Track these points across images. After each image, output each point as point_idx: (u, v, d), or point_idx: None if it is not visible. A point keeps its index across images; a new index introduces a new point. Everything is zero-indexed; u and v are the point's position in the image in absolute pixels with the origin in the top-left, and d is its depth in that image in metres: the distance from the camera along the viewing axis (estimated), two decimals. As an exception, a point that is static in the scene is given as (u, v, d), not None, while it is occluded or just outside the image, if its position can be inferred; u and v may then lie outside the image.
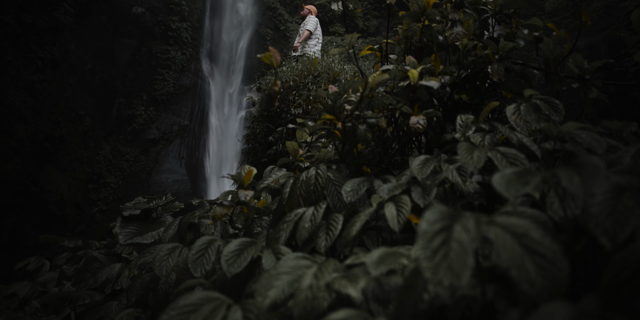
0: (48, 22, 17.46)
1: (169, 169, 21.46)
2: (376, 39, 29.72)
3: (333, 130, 2.25)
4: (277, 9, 28.36)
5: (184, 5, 23.44)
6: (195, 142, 22.70)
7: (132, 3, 21.56)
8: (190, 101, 23.36)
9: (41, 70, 17.37)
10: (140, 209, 3.28)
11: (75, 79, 19.18)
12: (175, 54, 22.78)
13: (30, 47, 16.95)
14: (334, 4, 2.90)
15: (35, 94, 17.12)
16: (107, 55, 20.65)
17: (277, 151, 5.05)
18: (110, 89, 20.64)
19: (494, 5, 2.64)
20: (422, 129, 1.95)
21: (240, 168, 2.33)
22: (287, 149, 2.70)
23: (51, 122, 17.74)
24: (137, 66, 21.67)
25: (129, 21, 21.47)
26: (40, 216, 17.24)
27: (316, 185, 1.96)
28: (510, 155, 1.53)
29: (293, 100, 5.07)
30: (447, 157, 1.84)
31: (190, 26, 24.04)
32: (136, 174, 20.58)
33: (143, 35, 21.96)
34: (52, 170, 17.88)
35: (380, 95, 1.98)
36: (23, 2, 16.55)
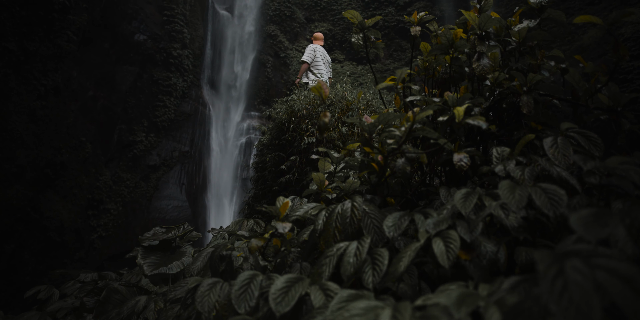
0: (51, 49, 17.59)
1: (169, 195, 21.41)
2: (375, 65, 29.95)
3: (369, 162, 2.25)
4: (277, 37, 28.64)
5: (186, 33, 23.67)
6: (196, 168, 22.70)
7: (134, 31, 21.76)
8: (191, 127, 23.43)
9: (44, 96, 17.43)
10: (159, 240, 3.25)
11: (77, 106, 19.24)
12: (176, 81, 22.91)
13: (33, 74, 17.04)
14: (354, 36, 2.93)
15: (37, 120, 17.15)
16: (109, 82, 20.76)
17: (289, 180, 5.04)
18: (112, 116, 20.70)
19: (518, 37, 2.67)
20: (466, 167, 1.95)
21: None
22: (313, 180, 2.69)
23: (52, 148, 17.74)
24: (139, 93, 21.77)
25: (131, 48, 21.64)
26: (40, 243, 17.12)
27: (352, 218, 1.95)
28: (551, 191, 1.53)
29: (306, 129, 5.08)
30: (485, 190, 1.84)
31: (192, 53, 24.23)
32: (136, 200, 20.52)
33: (145, 62, 22.12)
34: (53, 196, 17.81)
35: (422, 130, 1.98)
36: (27, 29, 16.69)
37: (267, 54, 28.02)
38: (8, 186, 16.13)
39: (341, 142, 4.83)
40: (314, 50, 9.02)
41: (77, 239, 18.32)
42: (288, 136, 5.40)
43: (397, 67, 29.22)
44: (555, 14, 2.70)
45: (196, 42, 24.90)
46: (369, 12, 31.54)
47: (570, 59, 11.56)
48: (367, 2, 32.00)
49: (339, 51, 29.47)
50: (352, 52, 30.16)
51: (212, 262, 2.27)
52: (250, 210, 6.52)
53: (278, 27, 29.14)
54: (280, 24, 29.34)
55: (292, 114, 5.45)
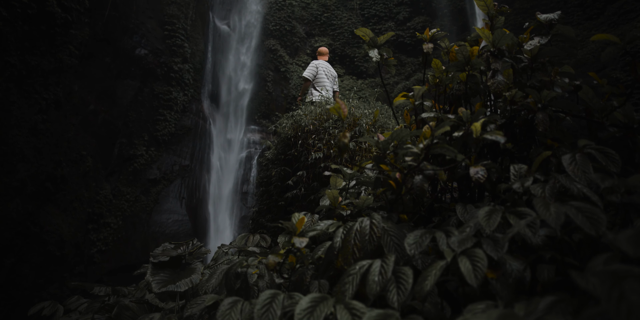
0: (53, 63, 17.65)
1: (169, 209, 21.37)
2: (375, 80, 30.08)
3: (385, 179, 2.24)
4: (277, 51, 28.78)
5: (187, 47, 23.77)
6: (196, 182, 22.68)
7: (135, 45, 21.85)
8: (192, 141, 23.45)
9: (45, 110, 17.45)
10: (169, 256, 3.24)
11: (78, 120, 19.26)
12: (177, 95, 22.97)
13: (34, 88, 17.07)
14: (371, 52, 2.94)
15: (38, 134, 17.16)
16: (110, 96, 20.80)
17: (295, 195, 5.04)
18: (112, 130, 20.72)
19: (530, 53, 2.68)
20: (483, 179, 1.95)
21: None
22: (327, 196, 2.69)
23: (53, 162, 17.72)
24: (140, 107, 21.81)
25: (132, 62, 21.71)
26: (39, 257, 17.04)
27: (371, 235, 1.94)
28: (587, 210, 1.52)
29: (313, 144, 5.08)
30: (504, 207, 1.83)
31: (192, 68, 24.32)
32: (136, 214, 20.46)
33: (145, 77, 22.18)
34: (53, 210, 17.77)
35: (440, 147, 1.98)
36: (29, 44, 16.76)
37: (267, 68, 28.13)
38: (8, 200, 16.09)
39: (349, 157, 4.84)
40: (316, 66, 8.98)
41: (76, 253, 18.25)
42: (294, 151, 5.40)
43: (397, 81, 29.33)
44: (565, 30, 2.72)
45: (197, 57, 25.00)
46: (369, 27, 31.73)
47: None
48: (367, 17, 32.22)
49: (339, 65, 29.59)
50: (352, 67, 30.31)
51: (228, 279, 2.25)
52: (255, 225, 6.51)
53: (278, 42, 29.30)
54: (280, 38, 29.50)
55: (298, 129, 5.45)
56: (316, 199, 4.86)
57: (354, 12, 32.50)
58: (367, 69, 30.59)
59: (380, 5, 32.35)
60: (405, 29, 30.89)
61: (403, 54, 30.76)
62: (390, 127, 5.23)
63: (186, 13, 24.44)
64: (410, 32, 30.45)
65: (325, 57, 9.62)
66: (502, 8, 3.02)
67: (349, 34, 31.55)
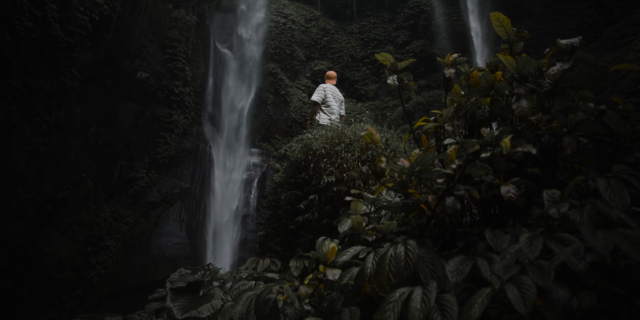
0: (55, 86, 17.71)
1: (169, 232, 21.26)
2: (375, 103, 30.23)
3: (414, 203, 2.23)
4: (277, 74, 28.96)
5: (187, 71, 23.90)
6: (196, 204, 22.61)
7: (136, 68, 21.97)
8: (192, 164, 23.45)
9: (46, 133, 17.47)
10: (187, 281, 3.20)
11: (79, 142, 19.27)
12: (177, 118, 23.03)
13: (36, 111, 17.11)
14: (389, 78, 2.95)
15: (39, 157, 17.15)
16: (111, 119, 20.85)
17: (307, 219, 5.01)
18: (113, 152, 20.71)
19: (552, 78, 2.69)
20: (515, 198, 1.94)
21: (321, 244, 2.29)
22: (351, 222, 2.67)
23: (53, 185, 17.68)
24: (140, 130, 21.85)
25: (133, 86, 21.81)
26: (38, 280, 16.89)
27: (407, 262, 1.92)
28: (632, 237, 1.52)
29: (324, 168, 5.07)
30: (541, 233, 1.82)
31: (193, 91, 24.42)
32: (136, 237, 20.35)
33: (146, 100, 22.26)
34: (52, 233, 17.67)
35: (474, 168, 1.97)
36: (32, 67, 16.84)
37: (267, 91, 28.28)
38: (8, 223, 16.01)
39: (362, 181, 4.82)
40: (324, 89, 9.04)
41: (75, 276, 18.09)
42: (305, 175, 5.39)
43: (397, 104, 29.49)
44: (586, 56, 2.74)
45: (198, 80, 25.14)
46: (368, 50, 32.04)
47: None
48: (366, 41, 32.53)
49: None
50: (352, 90, 30.48)
51: (258, 306, 2.22)
52: (262, 249, 6.46)
53: (278, 65, 29.50)
54: (280, 62, 29.71)
55: (309, 152, 5.45)
56: (329, 223, 4.84)
57: (353, 36, 32.81)
58: (367, 92, 30.78)
59: (379, 29, 32.68)
60: (404, 52, 31.17)
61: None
62: (402, 151, 5.24)
63: (187, 37, 24.63)
64: (409, 56, 30.71)
65: (333, 80, 9.66)
66: (521, 33, 3.04)
67: (348, 58, 31.81)
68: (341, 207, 4.87)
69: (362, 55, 32.03)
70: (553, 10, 28.08)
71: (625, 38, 23.26)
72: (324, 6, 33.92)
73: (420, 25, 31.45)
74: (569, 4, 27.51)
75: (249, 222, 22.81)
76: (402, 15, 32.37)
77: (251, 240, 22.09)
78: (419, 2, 31.85)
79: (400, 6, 32.70)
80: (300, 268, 4.52)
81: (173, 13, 24.19)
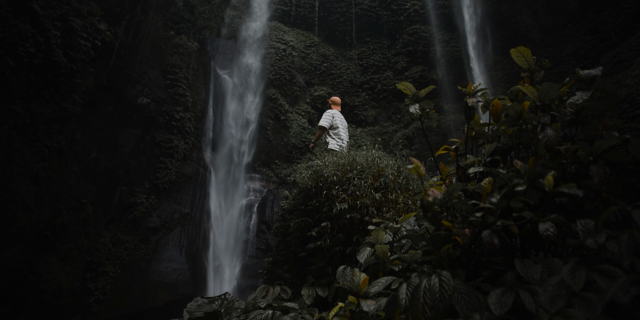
0: (57, 111, 17.77)
1: (168, 257, 21.10)
2: (374, 128, 30.33)
3: (446, 235, 2.22)
4: (277, 100, 29.11)
5: (188, 96, 24.02)
6: (196, 230, 22.49)
7: (138, 94, 22.08)
8: (192, 189, 23.41)
9: (47, 158, 17.47)
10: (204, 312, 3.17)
11: (80, 167, 19.26)
12: (178, 143, 23.06)
13: (37, 136, 17.12)
14: (412, 107, 2.96)
15: (39, 182, 17.11)
16: (112, 144, 20.87)
17: (319, 246, 4.96)
18: (113, 177, 20.69)
19: (575, 107, 2.71)
20: (553, 237, 1.94)
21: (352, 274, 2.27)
22: (377, 251, 2.66)
23: (53, 210, 17.61)
24: (141, 155, 21.86)
25: (134, 111, 21.89)
26: (36, 306, 16.69)
27: (442, 293, 1.91)
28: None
29: (337, 195, 5.05)
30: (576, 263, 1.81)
31: (194, 116, 24.51)
32: (135, 262, 20.19)
33: (147, 125, 22.33)
34: (51, 258, 17.53)
35: (514, 202, 1.97)
36: (34, 92, 16.91)
37: (267, 116, 28.39)
38: (7, 248, 15.90)
39: (375, 208, 4.80)
40: (332, 115, 9.12)
41: (74, 303, 17.89)
42: (315, 202, 5.36)
43: (396, 129, 29.60)
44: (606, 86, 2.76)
45: (198, 105, 25.26)
46: (368, 76, 32.29)
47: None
48: (365, 66, 32.79)
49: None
50: (352, 115, 30.60)
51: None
52: (270, 276, 6.40)
53: (278, 91, 29.67)
54: (280, 87, 29.89)
55: (319, 179, 5.43)
56: (342, 250, 4.80)
57: (352, 62, 33.07)
58: (367, 117, 30.92)
59: (378, 55, 32.96)
60: (403, 78, 31.40)
61: (402, 102, 31.12)
62: (414, 178, 5.23)
63: (188, 63, 24.82)
64: (409, 81, 30.46)
65: (339, 107, 9.74)
66: (541, 62, 3.07)
67: (348, 83, 32.02)
68: (354, 235, 4.84)
69: (361, 81, 32.26)
70: (550, 36, 28.39)
71: (622, 63, 23.49)
72: (323, 33, 34.28)
73: (419, 51, 31.75)
74: (566, 30, 27.83)
75: (249, 248, 22.68)
76: (400, 42, 32.70)
77: (251, 266, 21.95)
78: (417, 29, 32.20)
79: (398, 32, 33.04)
80: (312, 296, 4.47)
81: (175, 39, 24.42)
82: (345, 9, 34.11)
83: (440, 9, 32.37)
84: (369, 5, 34.00)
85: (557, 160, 2.52)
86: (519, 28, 29.69)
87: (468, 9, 31.41)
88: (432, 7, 32.56)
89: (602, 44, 25.78)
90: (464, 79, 29.79)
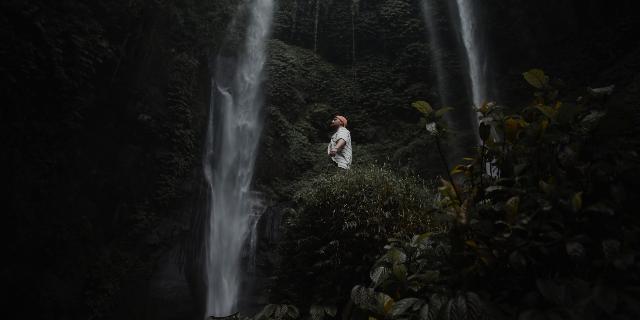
0: (58, 128, 17.77)
1: (168, 275, 20.98)
2: (374, 145, 30.36)
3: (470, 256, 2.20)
4: (277, 117, 29.17)
5: (189, 113, 24.06)
6: (196, 247, 22.40)
7: (138, 111, 22.12)
8: (192, 206, 23.36)
9: (47, 175, 17.44)
10: (217, 331, 3.14)
11: (80, 184, 19.22)
12: (178, 160, 23.06)
13: (38, 153, 17.11)
14: (428, 126, 2.96)
15: (39, 199, 17.06)
16: (112, 161, 20.86)
17: (328, 265, 4.92)
18: (114, 194, 20.64)
19: (590, 127, 2.71)
20: (581, 257, 1.92)
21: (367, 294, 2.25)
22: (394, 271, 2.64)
23: (53, 227, 17.53)
24: (141, 171, 21.84)
25: (135, 128, 21.91)
26: (35, 325, 16.55)
27: (470, 316, 1.89)
28: None
29: (345, 213, 5.03)
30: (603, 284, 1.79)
31: (194, 133, 24.54)
32: (135, 280, 20.06)
33: (148, 142, 22.34)
34: (50, 275, 17.41)
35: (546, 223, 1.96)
36: (36, 109, 16.93)
37: (267, 133, 28.44)
38: (6, 265, 15.80)
39: (384, 227, 4.78)
40: (347, 132, 9.20)
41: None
42: (323, 220, 5.34)
43: (396, 146, 29.64)
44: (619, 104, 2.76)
45: (199, 122, 25.30)
46: (367, 93, 32.41)
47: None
48: (365, 84, 32.93)
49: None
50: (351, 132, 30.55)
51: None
52: (275, 294, 6.35)
53: (278, 108, 29.75)
54: (280, 104, 29.99)
55: (327, 197, 5.41)
56: (351, 269, 4.76)
57: (352, 79, 33.21)
58: (366, 134, 30.97)
59: (378, 72, 33.11)
60: (402, 95, 31.53)
61: (401, 119, 31.25)
62: (424, 196, 5.21)
63: (189, 80, 24.90)
64: (408, 98, 31.04)
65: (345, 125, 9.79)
66: (555, 82, 3.08)
67: (347, 100, 32.13)
68: (364, 254, 4.81)
69: (361, 98, 32.37)
70: (548, 53, 28.56)
71: (621, 80, 23.60)
72: (323, 50, 34.48)
73: (418, 69, 31.92)
74: (564, 48, 28.01)
75: (249, 265, 22.59)
76: (400, 59, 32.88)
77: (251, 284, 21.85)
78: (416, 46, 32.40)
79: (398, 50, 33.24)
80: (321, 315, 4.44)
81: (176, 57, 24.53)
82: (345, 27, 34.34)
83: (439, 26, 32.62)
84: (368, 23, 34.24)
85: (577, 179, 2.51)
86: (517, 45, 29.86)
87: (467, 26, 31.67)
88: (432, 25, 32.81)
89: (601, 61, 25.93)
90: (463, 96, 29.92)
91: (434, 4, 33.21)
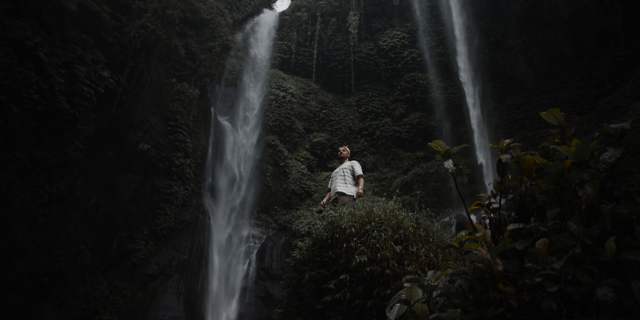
0: (58, 157, 17.75)
1: (166, 305, 20.73)
2: (373, 174, 30.38)
3: (500, 298, 2.19)
4: (277, 146, 29.25)
5: (189, 142, 24.10)
6: (194, 277, 22.20)
7: (138, 140, 22.16)
8: (191, 236, 23.22)
9: (47, 204, 17.36)
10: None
11: (79, 213, 19.14)
12: (177, 189, 23.00)
13: (38, 182, 17.05)
14: (446, 163, 2.98)
15: (38, 228, 16.95)
16: (112, 190, 20.81)
17: (338, 299, 4.87)
18: (112, 223, 20.54)
19: (608, 164, 2.72)
20: (612, 302, 1.91)
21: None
22: (416, 311, 2.62)
23: (51, 257, 17.38)
24: (140, 201, 21.77)
25: (134, 157, 21.91)
26: (30, 359, 16.29)
27: (499, 359, 1.87)
28: None
29: (355, 247, 5.00)
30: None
31: (194, 162, 24.54)
32: (132, 310, 19.82)
33: (147, 171, 22.32)
34: (47, 306, 17.19)
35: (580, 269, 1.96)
36: (36, 138, 16.93)
37: (267, 162, 28.47)
38: (3, 295, 15.62)
39: (396, 261, 4.75)
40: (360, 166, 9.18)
41: (69, 353, 17.48)
42: (332, 253, 5.30)
43: (395, 175, 29.65)
44: (636, 140, 2.78)
45: (198, 151, 25.33)
46: (366, 122, 32.56)
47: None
48: (364, 113, 33.11)
49: (337, 160, 29.91)
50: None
51: None
52: (281, 328, 6.29)
53: (278, 137, 29.85)
54: (280, 134, 30.09)
55: (335, 231, 5.39)
56: (362, 304, 4.71)
57: (351, 109, 33.41)
58: (366, 163, 31.01)
59: (376, 101, 33.33)
60: (401, 124, 31.69)
61: (400, 148, 31.35)
62: (434, 230, 5.19)
63: (189, 109, 25.00)
64: (407, 128, 31.21)
65: None
66: (572, 119, 3.10)
67: (347, 130, 32.27)
68: (375, 288, 4.76)
69: (360, 127, 32.52)
70: (545, 83, 28.82)
71: (617, 110, 23.79)
72: (322, 80, 34.76)
73: (416, 98, 32.16)
74: (561, 78, 28.29)
75: (247, 296, 22.37)
76: (398, 89, 33.15)
77: (249, 314, 21.60)
78: (415, 76, 32.69)
79: (396, 80, 33.52)
80: (331, 351, 4.38)
81: (176, 86, 24.67)
82: (344, 57, 34.68)
83: (437, 57, 32.95)
84: (367, 53, 34.59)
85: (598, 218, 2.51)
86: (514, 75, 30.16)
87: (465, 56, 31.99)
88: (430, 55, 33.15)
89: (597, 90, 26.18)
90: (462, 125, 30.08)
91: (431, 34, 33.61)
